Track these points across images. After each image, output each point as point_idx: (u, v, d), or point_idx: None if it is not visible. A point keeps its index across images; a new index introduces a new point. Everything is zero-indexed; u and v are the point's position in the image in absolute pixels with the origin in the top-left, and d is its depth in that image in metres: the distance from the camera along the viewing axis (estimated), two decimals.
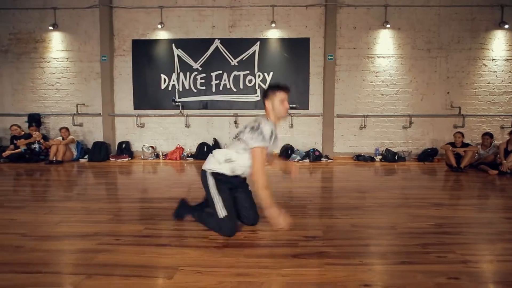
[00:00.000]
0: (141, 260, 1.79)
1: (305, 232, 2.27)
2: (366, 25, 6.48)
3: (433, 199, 3.27)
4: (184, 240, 2.10)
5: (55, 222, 2.46)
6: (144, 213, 2.73)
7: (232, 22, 6.58)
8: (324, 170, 5.31)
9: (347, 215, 2.66)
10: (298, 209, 2.86)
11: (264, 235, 2.20)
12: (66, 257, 1.84)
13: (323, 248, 1.97)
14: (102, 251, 1.90)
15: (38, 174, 4.82)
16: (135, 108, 6.79)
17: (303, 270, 1.67)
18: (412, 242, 2.06)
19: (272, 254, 1.88)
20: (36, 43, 6.77)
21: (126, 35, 6.68)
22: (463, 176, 4.70)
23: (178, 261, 1.77)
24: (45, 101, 6.90)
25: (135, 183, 4.25)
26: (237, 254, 1.88)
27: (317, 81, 6.60)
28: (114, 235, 2.17)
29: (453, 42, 6.40)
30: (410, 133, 6.61)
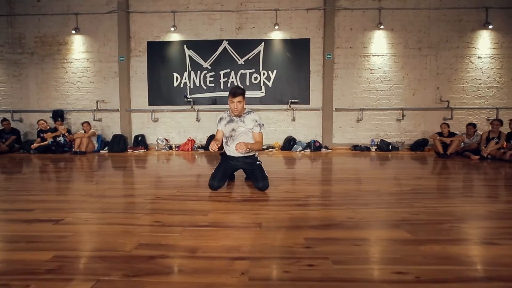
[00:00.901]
0: (182, 207, 2.38)
1: (305, 193, 2.84)
2: (361, 27, 7.05)
3: (416, 175, 3.84)
4: (210, 197, 2.69)
5: (103, 188, 3.05)
6: (173, 184, 3.32)
7: (238, 25, 7.17)
8: (324, 158, 5.88)
9: (340, 184, 3.24)
10: (302, 181, 3.43)
11: (273, 195, 2.77)
12: (124, 205, 2.43)
13: (318, 201, 2.55)
14: (150, 203, 2.49)
15: (68, 162, 5.42)
16: (149, 104, 7.39)
17: (303, 211, 2.25)
18: (390, 200, 2.63)
19: (279, 204, 2.47)
20: (59, 46, 7.39)
21: (142, 37, 7.29)
22: (448, 161, 5.25)
23: (209, 207, 2.36)
24: (67, 99, 7.51)
25: (158, 167, 4.84)
26: (253, 204, 2.47)
27: (317, 78, 7.17)
28: (155, 195, 2.76)
29: (442, 41, 6.95)
30: (403, 125, 7.16)
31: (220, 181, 2.96)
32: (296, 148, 6.85)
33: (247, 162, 3.07)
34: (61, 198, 2.70)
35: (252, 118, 3.02)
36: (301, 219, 2.08)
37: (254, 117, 3.03)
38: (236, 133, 3.02)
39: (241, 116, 3.04)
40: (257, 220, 2.03)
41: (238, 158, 3.05)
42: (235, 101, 2.89)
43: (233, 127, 3.03)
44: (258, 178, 2.92)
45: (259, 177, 2.93)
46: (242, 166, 3.11)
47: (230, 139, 3.06)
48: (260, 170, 3.00)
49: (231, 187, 3.10)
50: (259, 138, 3.06)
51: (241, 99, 2.91)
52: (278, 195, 2.77)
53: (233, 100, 2.89)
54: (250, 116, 3.03)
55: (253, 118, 3.02)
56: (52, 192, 2.92)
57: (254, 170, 3.00)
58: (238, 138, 3.00)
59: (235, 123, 3.02)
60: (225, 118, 3.09)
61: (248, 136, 3.02)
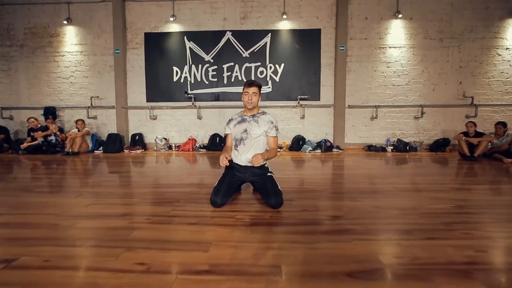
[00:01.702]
0: (175, 236, 1.87)
1: (328, 212, 2.33)
2: (377, 16, 6.45)
3: (450, 184, 3.31)
4: (211, 219, 2.17)
5: (85, 204, 2.56)
6: (169, 197, 2.81)
7: (243, 14, 6.60)
8: (336, 160, 5.35)
9: (368, 198, 2.71)
10: (318, 193, 2.92)
11: (289, 215, 2.26)
12: (103, 233, 1.92)
13: (349, 226, 2.03)
14: (136, 228, 1.99)
15: (58, 164, 4.93)
16: (147, 101, 6.87)
17: (334, 244, 1.73)
18: (436, 221, 2.10)
19: (300, 231, 1.95)
20: (50, 37, 6.87)
21: (139, 28, 6.75)
22: (477, 164, 4.71)
23: (210, 237, 1.85)
24: (60, 95, 7.02)
25: (154, 171, 4.34)
26: (266, 231, 1.95)
27: (328, 72, 6.61)
28: (144, 215, 2.25)
29: (466, 31, 6.34)
30: (422, 124, 6.60)
31: (224, 196, 2.46)
32: (305, 149, 6.32)
33: (256, 174, 2.58)
34: (29, 219, 2.20)
35: (268, 119, 2.62)
36: (332, 258, 1.56)
37: (270, 118, 2.63)
38: (249, 136, 2.57)
39: (254, 115, 2.60)
40: (274, 262, 1.51)
41: (247, 168, 2.58)
42: (250, 92, 2.54)
43: (245, 128, 2.59)
44: (270, 194, 2.40)
45: (271, 192, 2.41)
46: (251, 179, 2.62)
47: (241, 142, 2.59)
48: (272, 184, 2.49)
49: (237, 202, 2.59)
50: (275, 144, 2.61)
51: (257, 92, 2.57)
52: (295, 215, 2.25)
53: (247, 91, 2.55)
54: (265, 117, 2.63)
55: (269, 119, 2.62)
56: (21, 210, 2.43)
57: (265, 184, 2.50)
58: (252, 143, 2.57)
59: (247, 123, 2.60)
60: (235, 118, 2.71)
61: (261, 141, 2.59)
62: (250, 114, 2.63)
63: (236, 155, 2.63)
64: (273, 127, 2.59)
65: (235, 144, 2.65)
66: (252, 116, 2.62)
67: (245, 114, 2.65)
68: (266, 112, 2.68)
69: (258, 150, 2.57)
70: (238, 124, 2.62)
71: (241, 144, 2.60)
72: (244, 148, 2.59)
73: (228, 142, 2.73)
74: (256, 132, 2.56)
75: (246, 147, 2.58)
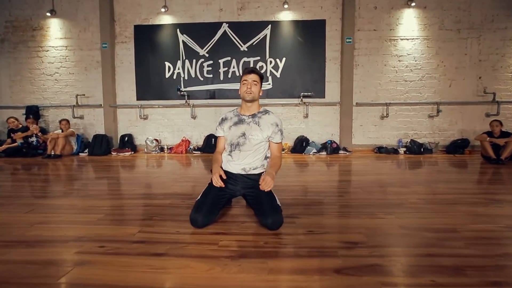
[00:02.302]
0: (127, 278, 1.31)
1: (342, 236, 1.77)
2: (388, 4, 5.88)
3: (486, 195, 2.74)
4: (187, 247, 1.62)
5: (32, 223, 2.02)
6: (142, 212, 2.27)
7: (241, 4, 6.06)
8: (344, 163, 4.78)
9: (391, 214, 2.14)
10: (326, 207, 2.36)
11: (290, 240, 1.70)
12: (29, 271, 1.37)
13: (372, 259, 1.47)
14: (78, 264, 1.44)
15: (33, 169, 4.42)
16: (138, 99, 6.35)
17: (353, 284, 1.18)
18: (490, 251, 1.54)
19: (306, 268, 1.39)
20: (33, 31, 6.38)
21: (128, 20, 6.23)
22: (504, 169, 4.12)
23: (177, 280, 1.30)
24: (44, 93, 6.52)
25: (137, 178, 3.80)
26: (259, 268, 1.39)
27: (333, 67, 6.04)
28: (99, 241, 1.71)
29: (486, 21, 5.75)
30: (437, 123, 6.01)
31: (207, 214, 1.90)
32: (309, 150, 5.76)
33: (249, 185, 2.04)
34: None
35: (272, 120, 2.05)
36: None
37: (274, 119, 2.06)
38: (248, 141, 2.03)
39: (255, 115, 2.03)
40: None
41: (238, 178, 2.07)
42: (249, 80, 2.00)
43: (244, 131, 2.04)
44: (266, 211, 1.85)
45: (267, 208, 1.86)
46: (243, 191, 2.06)
47: (237, 148, 2.05)
48: (269, 198, 1.93)
49: (224, 219, 2.04)
50: (279, 150, 2.10)
51: (258, 80, 2.03)
52: (298, 240, 1.69)
53: (246, 79, 2.01)
54: (269, 118, 2.06)
55: (273, 120, 2.06)
56: None
57: (260, 198, 1.93)
58: (251, 149, 2.04)
59: (246, 125, 2.05)
60: (230, 118, 2.12)
61: (262, 147, 2.08)
62: (249, 114, 2.07)
63: (228, 161, 2.08)
64: (278, 131, 2.05)
65: (230, 149, 2.08)
66: (252, 116, 2.06)
67: (243, 113, 2.09)
68: (269, 111, 2.12)
69: (256, 158, 2.05)
70: (235, 126, 2.06)
71: (237, 149, 2.05)
72: (239, 155, 2.05)
73: (220, 146, 2.16)
74: (257, 138, 2.01)
75: (243, 154, 2.04)
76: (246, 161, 2.05)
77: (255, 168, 2.07)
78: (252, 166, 2.06)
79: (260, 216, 1.89)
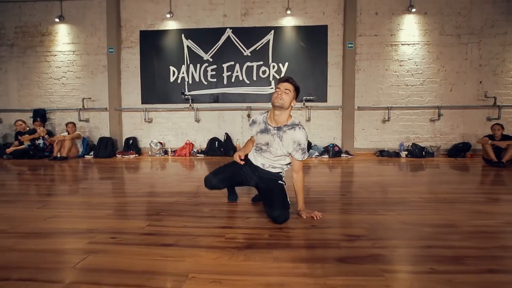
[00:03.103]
0: (140, 264, 1.38)
1: (345, 230, 1.83)
2: (389, 10, 6.00)
3: (487, 194, 2.79)
4: (195, 239, 1.68)
5: (45, 217, 2.09)
6: (149, 208, 2.34)
7: (244, 10, 6.20)
8: (346, 166, 4.84)
9: (393, 211, 2.20)
10: (329, 204, 2.42)
11: (295, 233, 1.76)
12: (46, 258, 1.44)
13: (374, 250, 1.52)
14: (92, 252, 1.50)
15: (40, 170, 4.50)
16: (142, 102, 6.46)
17: (358, 279, 1.23)
18: (488, 244, 1.59)
19: (309, 257, 1.45)
20: (42, 36, 6.54)
21: (134, 26, 6.38)
22: (505, 171, 4.16)
23: (188, 266, 1.36)
24: (51, 96, 6.65)
25: (142, 178, 3.87)
26: (264, 257, 1.45)
27: (335, 71, 6.14)
28: (111, 232, 1.77)
29: (486, 26, 5.85)
30: (438, 127, 6.07)
31: (221, 180, 2.17)
32: (311, 154, 5.82)
33: (265, 179, 2.17)
34: None
35: (295, 137, 2.02)
36: None
37: (298, 137, 2.01)
38: (270, 152, 2.12)
39: (280, 128, 2.04)
40: None
41: (257, 169, 2.21)
42: (281, 88, 1.99)
43: (267, 141, 2.10)
44: (275, 204, 1.93)
45: (276, 202, 1.95)
46: (257, 181, 2.20)
47: (261, 151, 2.19)
48: (280, 193, 2.04)
49: (230, 215, 2.10)
50: (299, 168, 2.08)
51: (291, 90, 2.00)
52: (301, 233, 1.75)
53: (279, 87, 2.00)
54: (293, 134, 2.02)
55: (297, 138, 2.01)
56: None
57: (271, 191, 2.04)
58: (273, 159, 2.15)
59: (270, 136, 2.08)
60: (258, 123, 2.16)
61: (283, 159, 2.15)
62: (275, 125, 2.06)
63: (254, 155, 2.24)
64: (299, 150, 2.03)
65: (255, 148, 2.22)
66: (278, 128, 2.05)
67: (270, 122, 2.09)
68: (297, 125, 2.04)
69: (277, 163, 2.16)
70: (261, 133, 2.12)
71: (260, 152, 2.17)
72: (263, 156, 2.17)
73: (249, 145, 2.30)
74: (278, 152, 2.08)
75: (266, 157, 2.16)
76: (267, 161, 2.16)
77: (273, 168, 2.17)
78: (271, 165, 2.16)
79: (268, 208, 1.97)
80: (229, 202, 2.45)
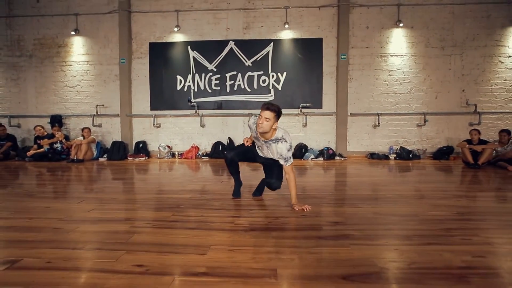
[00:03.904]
0: (174, 240, 1.89)
1: (327, 218, 2.33)
2: (379, 25, 6.52)
3: (452, 192, 3.29)
4: (211, 224, 2.19)
5: (88, 209, 2.59)
6: (170, 203, 2.84)
7: (246, 24, 6.72)
8: (338, 168, 5.34)
9: (368, 205, 2.71)
10: (319, 199, 2.92)
11: (288, 221, 2.27)
12: (103, 236, 1.95)
13: (347, 231, 2.03)
14: (136, 232, 2.01)
15: (63, 171, 5.00)
16: (151, 109, 6.97)
17: (331, 249, 1.74)
18: (435, 227, 2.09)
19: (298, 236, 1.95)
20: (58, 48, 7.06)
21: (144, 38, 6.90)
22: (480, 172, 4.67)
23: (209, 241, 1.86)
24: (66, 103, 7.16)
25: (157, 178, 4.38)
26: (265, 236, 1.96)
27: (330, 81, 6.66)
28: (145, 220, 2.28)
29: (468, 39, 6.37)
30: (425, 131, 6.58)
31: (237, 155, 2.78)
32: (308, 156, 6.33)
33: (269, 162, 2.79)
34: (31, 223, 2.24)
35: (278, 149, 2.57)
36: (328, 262, 1.56)
37: (281, 149, 2.55)
38: (264, 154, 2.81)
39: (267, 141, 2.62)
40: (271, 265, 1.52)
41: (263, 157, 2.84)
42: (263, 117, 2.49)
43: (260, 145, 2.78)
44: (273, 175, 2.72)
45: (274, 174, 2.72)
46: (263, 160, 2.84)
47: (259, 148, 2.84)
48: (278, 169, 2.74)
49: (237, 208, 2.61)
50: (289, 170, 2.59)
51: (271, 118, 2.48)
52: (294, 221, 2.26)
53: (261, 115, 2.51)
54: (276, 147, 2.58)
55: (279, 149, 2.56)
56: (24, 214, 2.46)
57: (272, 167, 2.75)
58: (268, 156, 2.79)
59: (261, 144, 2.73)
60: (253, 129, 2.73)
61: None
62: (263, 139, 2.62)
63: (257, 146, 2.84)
64: (282, 159, 2.56)
65: (256, 144, 2.85)
66: (265, 141, 2.62)
67: (260, 136, 2.61)
68: (280, 140, 2.55)
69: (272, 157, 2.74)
70: (256, 138, 2.74)
71: (259, 148, 2.82)
72: (261, 151, 2.82)
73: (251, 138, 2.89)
74: (269, 155, 2.73)
75: (263, 152, 2.79)
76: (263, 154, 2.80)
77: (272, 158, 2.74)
78: (271, 157, 2.74)
79: (268, 178, 2.77)
80: (234, 198, 2.95)
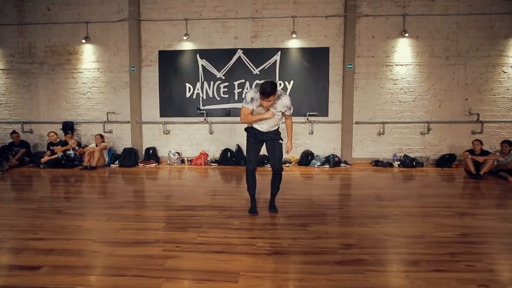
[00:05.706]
0: (205, 266, 2.08)
1: (341, 240, 2.52)
2: (384, 34, 6.64)
3: (456, 208, 3.48)
4: (235, 247, 2.38)
5: (117, 228, 2.78)
6: (192, 221, 3.02)
7: (254, 33, 6.84)
8: (344, 176, 5.53)
9: (378, 224, 2.90)
10: (331, 218, 3.12)
11: (304, 243, 2.46)
12: (141, 262, 2.14)
13: (361, 255, 2.22)
14: (169, 257, 2.20)
15: (78, 180, 5.19)
16: (161, 116, 7.13)
17: (348, 276, 1.93)
18: (441, 251, 2.28)
19: (316, 260, 2.15)
20: (69, 55, 7.19)
21: (153, 46, 7.03)
22: (482, 184, 4.86)
23: (237, 267, 2.06)
24: (77, 109, 7.32)
25: (169, 190, 4.55)
26: (286, 260, 2.15)
27: (336, 89, 6.81)
28: (174, 242, 2.47)
29: (472, 49, 6.50)
30: (428, 139, 6.75)
31: (255, 162, 3.24)
32: (314, 163, 6.51)
33: (271, 137, 3.21)
34: (71, 246, 2.43)
35: (283, 103, 3.04)
36: None
37: (285, 103, 3.05)
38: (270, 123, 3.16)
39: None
40: None
41: (265, 133, 3.18)
42: (267, 101, 2.88)
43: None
44: (276, 160, 3.18)
45: (277, 158, 3.18)
46: (266, 138, 3.21)
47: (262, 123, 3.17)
48: (279, 151, 3.19)
49: (256, 228, 2.80)
50: (290, 116, 3.22)
51: (273, 97, 2.89)
52: (311, 243, 2.45)
53: (263, 100, 2.88)
54: (281, 102, 3.03)
55: (284, 103, 3.05)
56: (62, 235, 2.66)
57: (275, 147, 3.19)
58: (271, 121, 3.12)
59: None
60: (256, 99, 3.00)
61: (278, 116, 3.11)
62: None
63: (258, 124, 3.16)
64: (288, 109, 3.09)
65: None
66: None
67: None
68: (282, 95, 3.03)
69: (275, 122, 3.14)
70: (260, 107, 3.02)
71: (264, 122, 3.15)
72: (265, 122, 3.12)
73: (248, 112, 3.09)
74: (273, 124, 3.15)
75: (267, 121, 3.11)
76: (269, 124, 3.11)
77: (274, 126, 3.17)
78: (273, 125, 3.15)
79: (271, 160, 3.24)
80: (250, 214, 3.15)
